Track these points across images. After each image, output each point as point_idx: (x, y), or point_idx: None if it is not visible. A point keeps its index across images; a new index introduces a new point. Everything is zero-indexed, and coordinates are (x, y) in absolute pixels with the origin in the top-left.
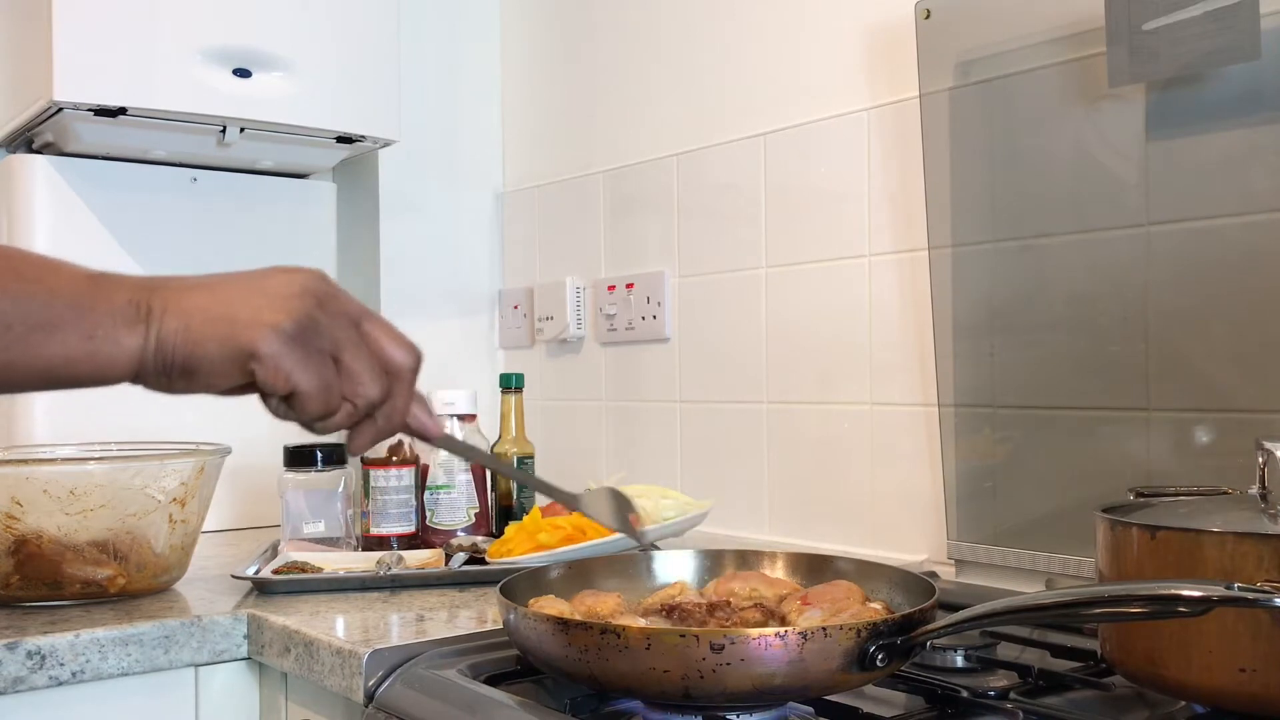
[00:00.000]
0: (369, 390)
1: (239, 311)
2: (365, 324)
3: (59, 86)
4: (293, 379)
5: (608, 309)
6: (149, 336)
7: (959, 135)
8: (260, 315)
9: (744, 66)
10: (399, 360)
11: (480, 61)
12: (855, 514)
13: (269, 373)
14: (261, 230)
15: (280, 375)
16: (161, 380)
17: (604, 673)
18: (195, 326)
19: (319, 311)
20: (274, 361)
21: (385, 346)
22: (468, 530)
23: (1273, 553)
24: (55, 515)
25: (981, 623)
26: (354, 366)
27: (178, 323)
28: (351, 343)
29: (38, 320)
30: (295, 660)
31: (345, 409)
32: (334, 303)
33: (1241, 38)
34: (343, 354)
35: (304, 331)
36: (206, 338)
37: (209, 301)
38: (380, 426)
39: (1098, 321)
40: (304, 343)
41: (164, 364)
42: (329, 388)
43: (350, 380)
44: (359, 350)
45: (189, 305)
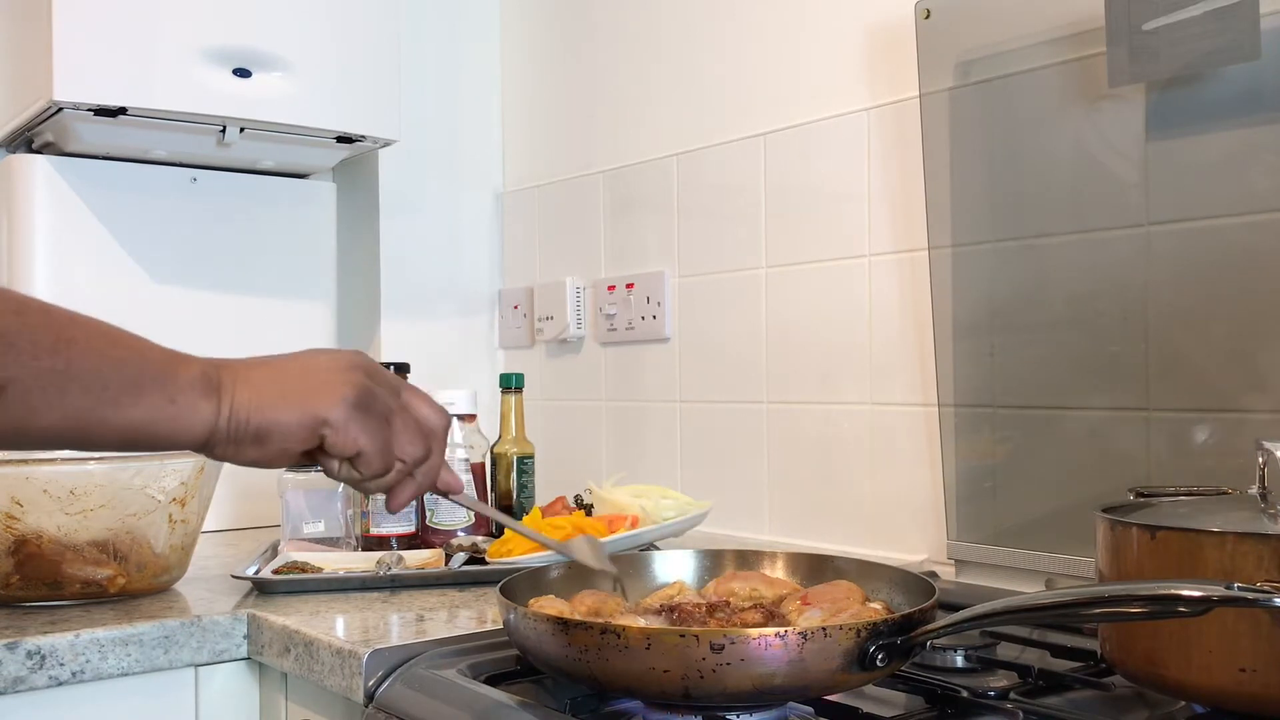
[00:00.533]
0: (414, 450)
1: (305, 385)
2: (405, 393)
3: (59, 86)
4: (359, 442)
5: (608, 309)
6: (222, 405)
7: (959, 135)
8: (328, 388)
9: (744, 66)
10: (434, 423)
11: (480, 61)
12: (855, 514)
13: (340, 437)
14: (261, 230)
15: (350, 439)
16: (230, 448)
17: (604, 673)
18: (267, 398)
19: (372, 383)
20: (344, 427)
21: (423, 411)
22: (468, 530)
23: (1273, 553)
24: (55, 515)
25: (981, 623)
26: (402, 430)
27: (249, 394)
28: (399, 408)
29: (129, 382)
30: (295, 660)
31: (397, 468)
32: (379, 375)
33: (1241, 38)
34: (393, 419)
35: (364, 401)
36: (281, 408)
37: (274, 376)
38: (420, 483)
39: (1098, 321)
40: (365, 410)
41: (237, 431)
42: (386, 449)
43: (399, 442)
44: (405, 416)
45: (256, 379)
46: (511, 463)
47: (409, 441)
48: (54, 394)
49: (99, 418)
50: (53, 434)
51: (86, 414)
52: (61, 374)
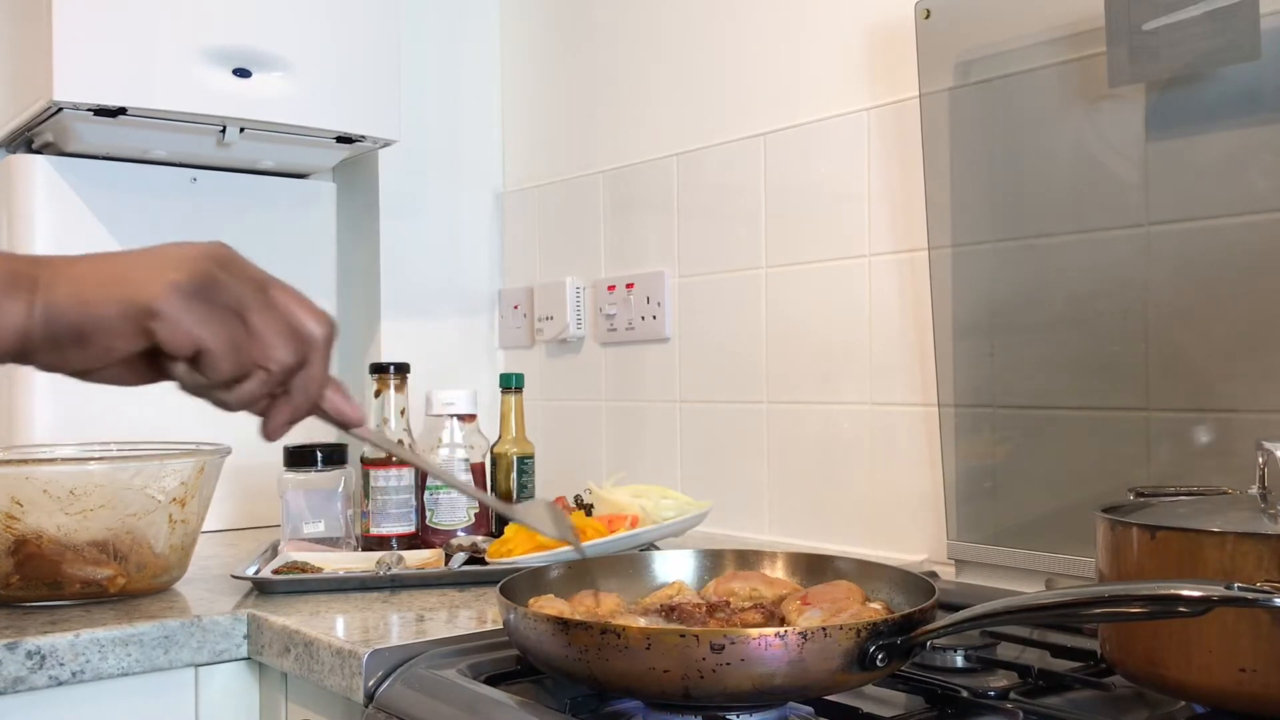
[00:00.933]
0: (280, 353)
1: (135, 273)
2: (272, 290)
3: (59, 86)
4: (195, 334)
5: (608, 309)
6: (35, 304)
7: (959, 135)
8: (157, 274)
9: (744, 66)
10: (311, 327)
11: (480, 61)
12: (855, 514)
13: (170, 330)
14: (261, 230)
15: (181, 331)
16: (53, 353)
17: (604, 673)
18: (88, 289)
19: (220, 271)
20: (175, 317)
21: (296, 312)
22: (468, 530)
23: (1273, 553)
24: (55, 515)
25: (981, 623)
26: (263, 329)
27: (68, 288)
28: (259, 304)
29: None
30: (295, 660)
31: (258, 376)
32: (236, 266)
33: (1241, 38)
34: (249, 314)
35: (205, 288)
36: (101, 299)
37: (102, 266)
38: (297, 402)
39: (1098, 321)
40: (206, 299)
41: (54, 331)
42: (237, 346)
43: (260, 343)
44: (268, 313)
45: (79, 272)
46: (511, 463)
47: (274, 344)
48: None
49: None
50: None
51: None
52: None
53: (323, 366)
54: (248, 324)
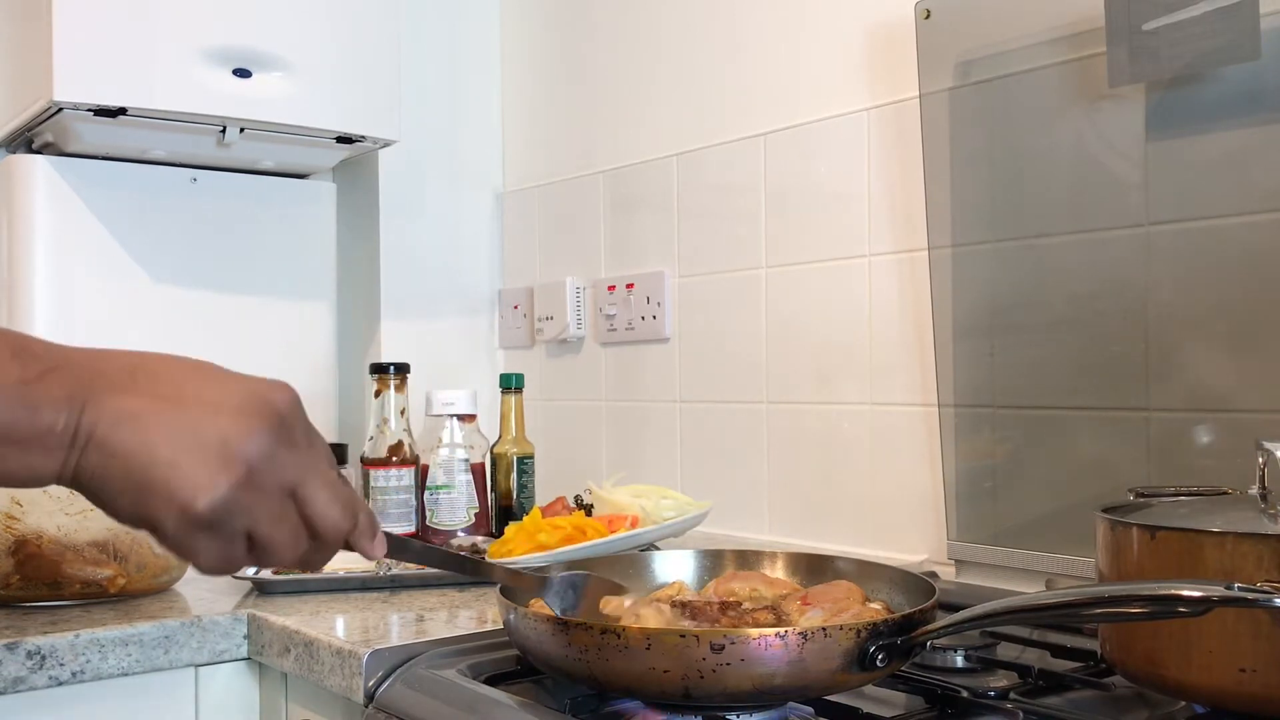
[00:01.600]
0: (283, 558)
1: (156, 475)
2: (302, 490)
3: (59, 86)
4: (188, 558)
5: (608, 309)
6: (67, 465)
7: (959, 135)
8: (175, 490)
9: (744, 66)
10: (331, 529)
11: (480, 62)
12: (855, 514)
13: (169, 547)
14: (261, 230)
15: (179, 551)
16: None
17: (604, 673)
18: (113, 477)
19: (243, 489)
20: (174, 543)
21: (320, 514)
22: (468, 530)
23: (1273, 553)
24: (55, 515)
25: (981, 623)
26: (271, 541)
27: (98, 462)
28: (273, 519)
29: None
30: (295, 660)
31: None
32: (268, 472)
33: (1241, 38)
34: (259, 530)
35: (215, 517)
36: (119, 495)
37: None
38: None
39: (1098, 321)
40: (213, 527)
41: (79, 488)
42: (228, 563)
43: (264, 549)
44: (280, 526)
45: (115, 444)
46: (511, 463)
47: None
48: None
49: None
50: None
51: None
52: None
53: (330, 554)
54: (255, 537)
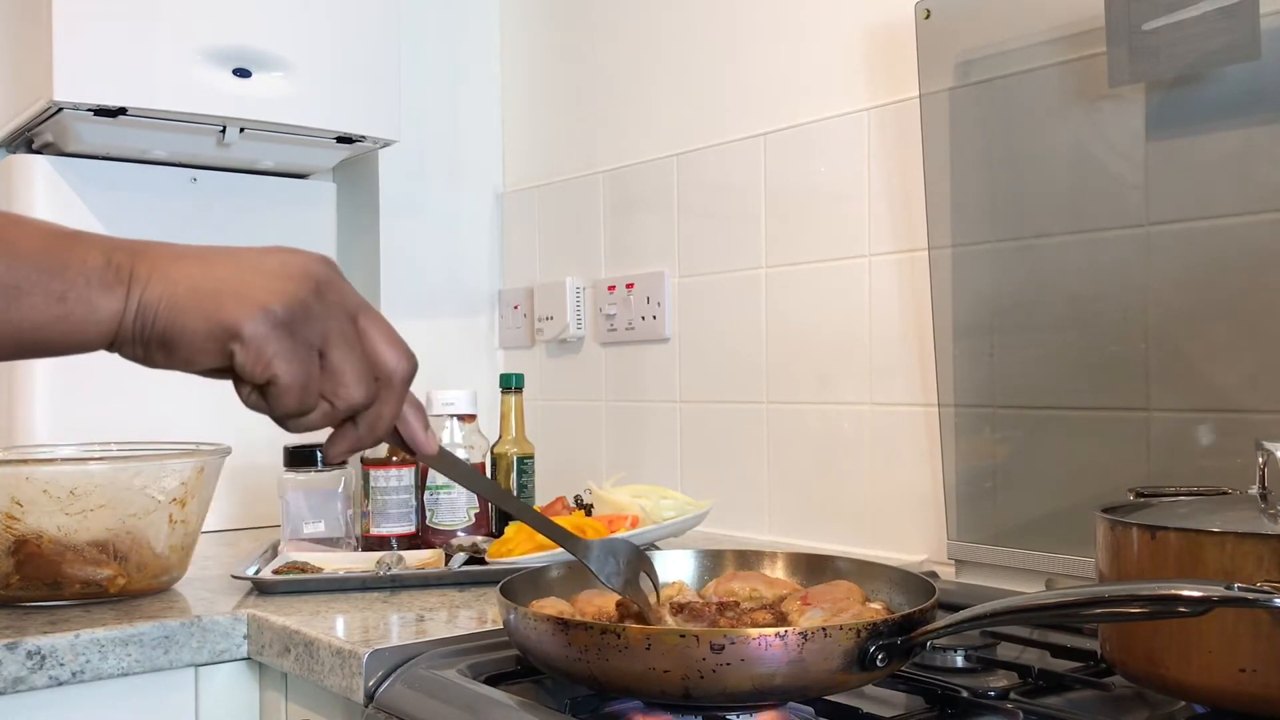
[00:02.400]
0: (352, 393)
1: (229, 286)
2: (362, 319)
3: (59, 86)
4: (273, 368)
5: (608, 309)
6: (129, 301)
7: (959, 135)
8: (251, 294)
9: (744, 66)
10: (391, 365)
11: (480, 61)
12: (855, 514)
13: (249, 357)
14: (261, 230)
15: (261, 362)
16: (138, 350)
17: (604, 673)
18: (181, 296)
19: (314, 299)
20: (257, 345)
21: (380, 347)
22: (468, 530)
23: (1273, 553)
24: (55, 515)
25: (981, 623)
26: (340, 365)
27: (162, 289)
28: (343, 338)
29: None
30: (295, 660)
31: (322, 408)
32: (333, 292)
33: (1241, 38)
34: (331, 350)
35: (294, 319)
36: (191, 310)
37: (199, 272)
38: (361, 434)
39: (1098, 321)
40: (292, 331)
41: (143, 333)
42: (308, 384)
43: (332, 379)
44: (349, 349)
45: (177, 274)
46: (511, 463)
47: (348, 382)
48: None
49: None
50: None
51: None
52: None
53: (394, 405)
54: (326, 360)
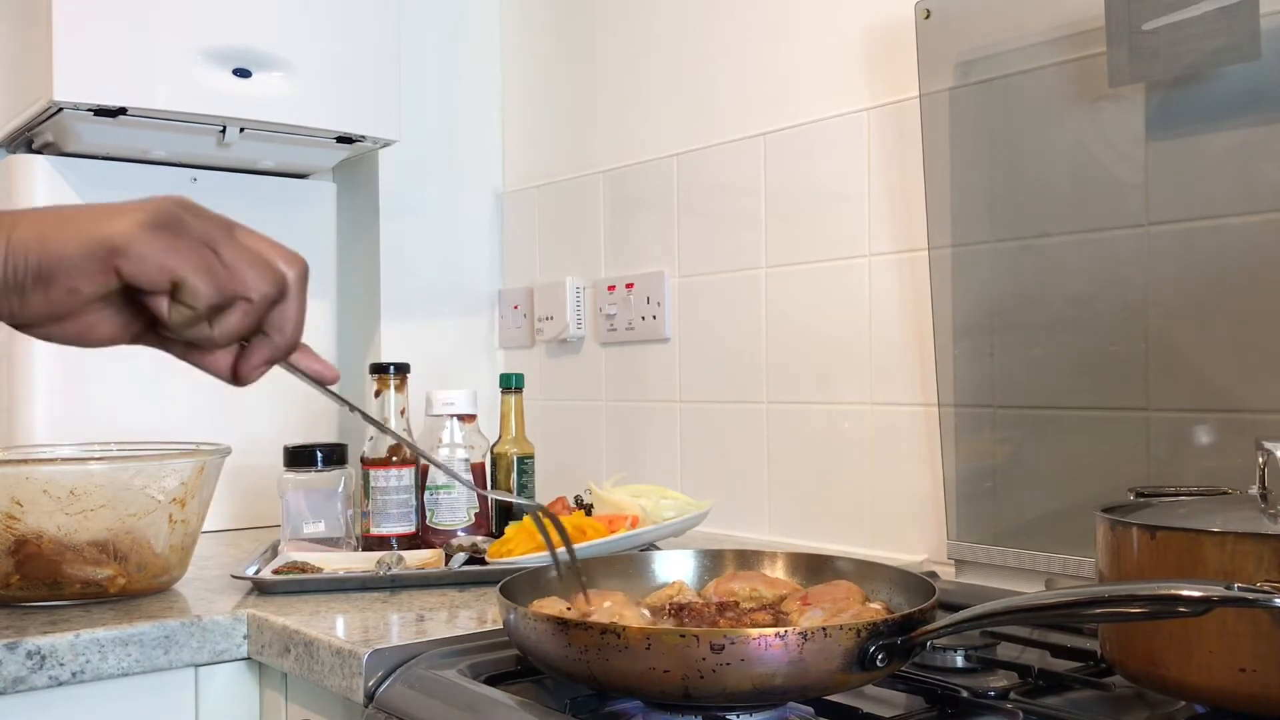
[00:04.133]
0: (257, 282)
1: (98, 213)
2: (238, 230)
3: (59, 86)
4: (167, 263)
5: (608, 309)
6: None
7: (959, 135)
8: (121, 214)
9: (744, 66)
10: (283, 265)
11: (480, 61)
12: (855, 514)
13: (138, 263)
14: (261, 230)
15: (152, 263)
16: (13, 299)
17: (604, 673)
18: (50, 229)
19: (183, 211)
20: (140, 250)
21: (266, 249)
22: (468, 530)
23: (1273, 553)
24: (55, 515)
25: (981, 623)
26: (235, 260)
27: (30, 230)
28: (228, 237)
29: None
30: (295, 660)
31: (240, 306)
32: (200, 209)
33: (1241, 38)
34: (220, 248)
35: (170, 222)
36: (60, 236)
37: (64, 212)
38: (275, 342)
39: (1098, 321)
40: (172, 231)
41: (15, 272)
42: (212, 269)
43: (235, 276)
44: (238, 248)
45: (43, 217)
46: (511, 463)
47: (249, 273)
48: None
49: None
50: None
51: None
52: None
53: (299, 305)
54: (220, 256)
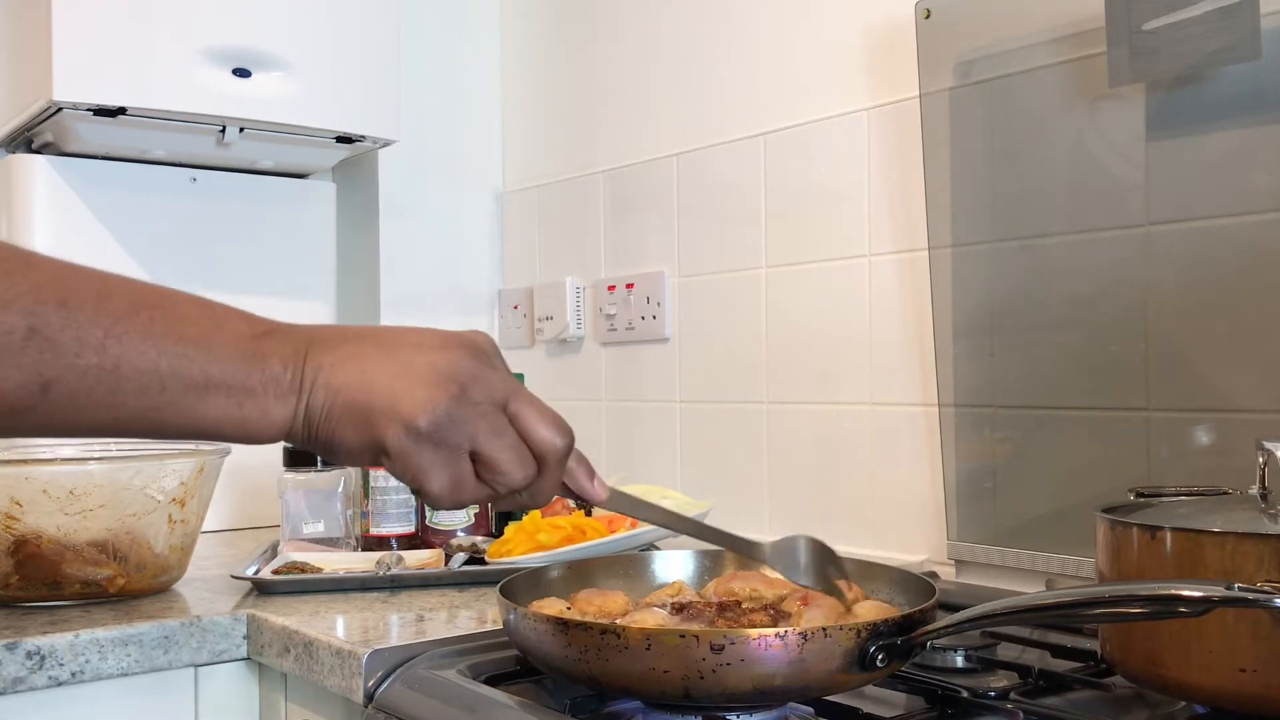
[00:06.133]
0: (511, 478)
1: (378, 400)
2: (513, 405)
3: (59, 86)
4: (419, 479)
5: (608, 309)
6: (298, 411)
7: (959, 135)
8: (396, 408)
9: (744, 66)
10: (546, 445)
11: (480, 61)
12: (855, 514)
13: (397, 470)
14: (261, 230)
15: (409, 473)
16: (306, 445)
17: (604, 673)
18: (338, 409)
19: (458, 404)
20: (403, 461)
21: (534, 429)
22: (467, 530)
23: (1273, 553)
24: (55, 515)
25: (982, 623)
26: (494, 456)
27: (324, 399)
28: (492, 432)
29: (191, 384)
30: (295, 660)
31: (484, 493)
32: (478, 388)
33: (1242, 38)
34: (481, 446)
35: (438, 428)
36: (345, 424)
37: (356, 382)
38: (524, 502)
39: (1098, 321)
40: (436, 441)
41: (308, 439)
42: (459, 485)
43: (490, 469)
44: (500, 440)
45: (338, 382)
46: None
47: (505, 470)
48: (103, 394)
49: (156, 419)
50: (107, 431)
51: (142, 415)
52: (110, 375)
53: (555, 478)
54: (479, 454)
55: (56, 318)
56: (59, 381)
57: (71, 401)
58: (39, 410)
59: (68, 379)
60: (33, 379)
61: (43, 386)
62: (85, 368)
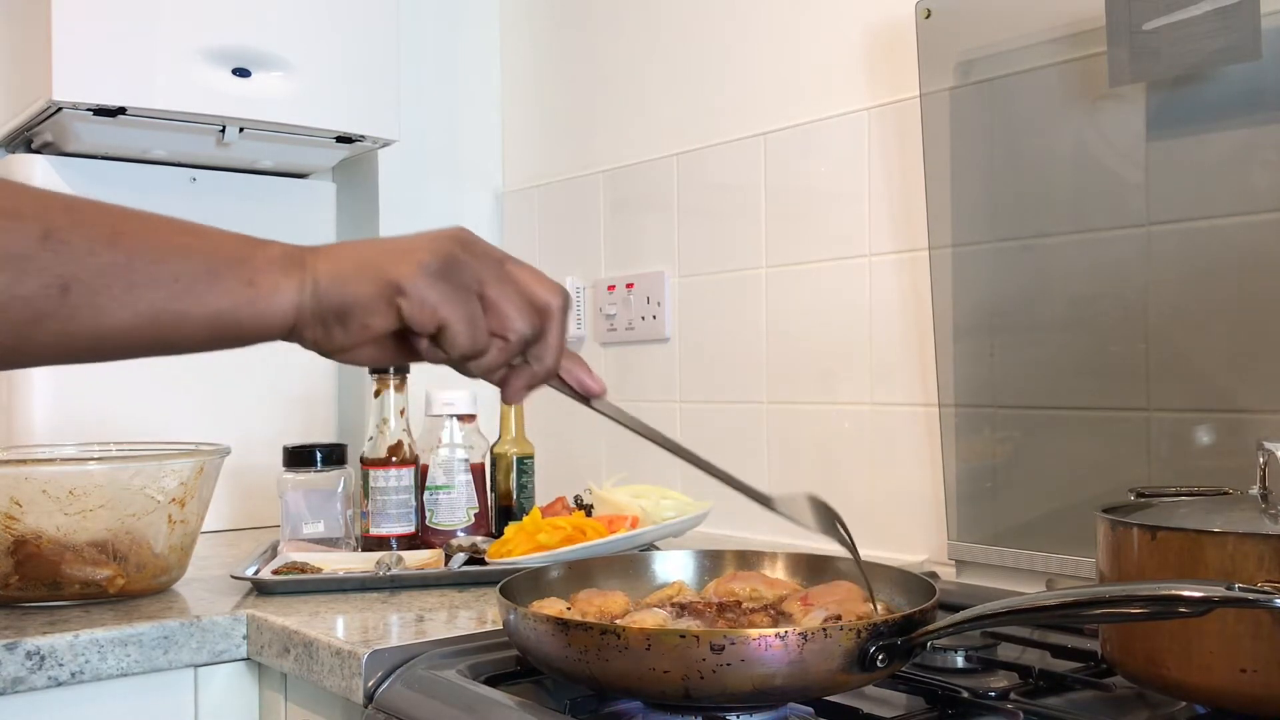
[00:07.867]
0: (518, 325)
1: (386, 254)
2: (508, 265)
3: (58, 86)
4: (439, 313)
5: (608, 309)
6: (305, 281)
7: (959, 135)
8: (407, 255)
9: (744, 66)
10: (545, 298)
11: (480, 61)
12: (855, 514)
13: (415, 307)
14: (261, 230)
15: (426, 309)
16: (318, 330)
17: (604, 673)
18: (346, 269)
19: (461, 251)
20: (419, 295)
21: (531, 285)
22: (467, 530)
23: (1273, 553)
24: (55, 515)
25: (982, 623)
26: (500, 301)
27: (330, 265)
28: (496, 279)
29: (202, 270)
30: (295, 661)
31: (496, 345)
32: (477, 245)
33: (1242, 38)
34: (488, 290)
35: (447, 267)
36: (357, 278)
37: (357, 249)
38: (534, 370)
39: (1098, 321)
40: (447, 277)
41: (320, 308)
42: (475, 321)
43: (498, 316)
44: (504, 286)
45: (339, 254)
46: (511, 463)
47: (512, 315)
48: (121, 290)
49: (175, 311)
50: (130, 336)
51: (161, 309)
52: (124, 267)
53: (559, 335)
54: (485, 299)
55: (65, 220)
56: (77, 281)
57: (91, 301)
58: (60, 315)
59: (84, 278)
60: (52, 281)
61: (62, 288)
62: (100, 265)
